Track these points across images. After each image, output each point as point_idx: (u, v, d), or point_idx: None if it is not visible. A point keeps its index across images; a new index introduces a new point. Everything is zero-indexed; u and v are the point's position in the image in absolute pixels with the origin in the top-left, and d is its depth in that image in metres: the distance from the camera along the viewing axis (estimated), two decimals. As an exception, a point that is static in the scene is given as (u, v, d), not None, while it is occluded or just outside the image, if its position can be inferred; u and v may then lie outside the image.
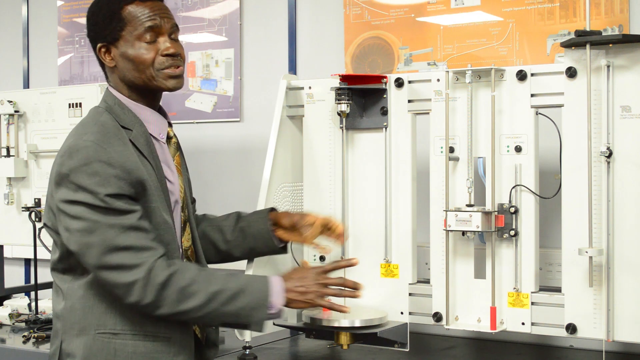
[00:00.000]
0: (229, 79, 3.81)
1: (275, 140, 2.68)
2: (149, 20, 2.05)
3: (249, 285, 2.02)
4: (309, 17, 3.62)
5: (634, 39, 2.21)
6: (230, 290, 1.98)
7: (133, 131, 2.05)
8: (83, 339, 2.00)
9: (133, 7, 2.06)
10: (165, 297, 1.93)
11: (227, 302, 1.97)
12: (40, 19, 4.44)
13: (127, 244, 1.92)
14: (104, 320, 1.99)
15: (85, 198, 1.92)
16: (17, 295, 3.91)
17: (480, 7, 3.20)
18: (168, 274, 1.93)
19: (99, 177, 1.92)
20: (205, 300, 1.96)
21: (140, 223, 1.95)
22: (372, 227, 2.61)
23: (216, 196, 3.69)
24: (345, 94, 2.56)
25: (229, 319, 2.02)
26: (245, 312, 1.99)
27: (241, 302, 1.98)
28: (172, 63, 2.08)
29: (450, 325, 2.45)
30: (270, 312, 2.01)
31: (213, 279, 1.99)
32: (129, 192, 1.95)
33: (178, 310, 1.95)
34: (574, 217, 2.29)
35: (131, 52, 2.05)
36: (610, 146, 2.24)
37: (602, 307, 2.26)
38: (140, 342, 2.00)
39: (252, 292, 2.00)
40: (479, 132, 2.43)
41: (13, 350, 3.11)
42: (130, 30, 2.05)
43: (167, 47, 2.06)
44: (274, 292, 2.02)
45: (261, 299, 2.00)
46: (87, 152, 1.94)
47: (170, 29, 2.09)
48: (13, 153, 3.57)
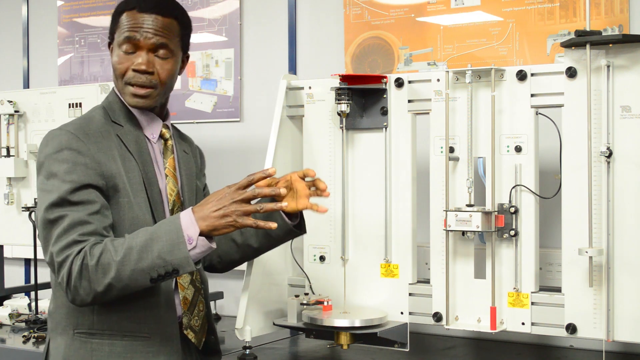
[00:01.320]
0: (229, 79, 3.81)
1: (275, 140, 2.68)
2: (129, 31, 2.06)
3: (156, 231, 1.88)
4: (309, 17, 3.63)
5: (634, 39, 2.21)
6: (138, 244, 1.86)
7: (124, 127, 2.07)
8: (64, 339, 2.02)
9: (128, 14, 2.08)
10: (83, 286, 1.87)
11: (139, 258, 1.85)
12: (40, 19, 4.44)
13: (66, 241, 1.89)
14: (82, 320, 2.00)
15: (53, 186, 1.93)
16: (17, 295, 3.91)
17: (480, 7, 3.20)
18: (80, 262, 1.87)
19: (68, 164, 1.94)
20: (118, 268, 1.85)
21: (88, 218, 1.91)
22: (372, 227, 2.60)
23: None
24: (345, 94, 2.56)
25: (153, 273, 1.86)
26: (163, 259, 1.85)
27: (153, 251, 1.85)
28: (137, 82, 2.06)
29: (450, 325, 2.45)
30: (192, 246, 1.85)
31: (120, 243, 1.88)
32: (96, 182, 1.96)
33: (102, 290, 1.87)
34: (574, 217, 2.29)
35: (113, 58, 2.11)
36: (610, 146, 2.24)
37: (602, 307, 2.26)
38: (117, 342, 2.00)
39: (160, 237, 1.86)
40: (479, 132, 2.43)
41: (13, 350, 3.11)
42: (117, 35, 2.09)
43: (138, 63, 2.04)
44: (185, 226, 1.86)
45: (173, 238, 1.85)
46: (60, 140, 1.97)
47: (152, 45, 2.05)
48: (13, 153, 3.57)
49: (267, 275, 2.65)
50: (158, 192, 2.09)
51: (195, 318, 2.14)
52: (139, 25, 2.06)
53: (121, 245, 1.87)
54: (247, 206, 1.88)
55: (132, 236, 1.90)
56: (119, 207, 2.00)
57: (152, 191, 2.06)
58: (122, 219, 2.00)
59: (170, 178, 2.15)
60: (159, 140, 2.16)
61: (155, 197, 2.07)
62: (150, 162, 2.09)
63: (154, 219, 2.05)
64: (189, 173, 2.24)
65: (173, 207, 2.13)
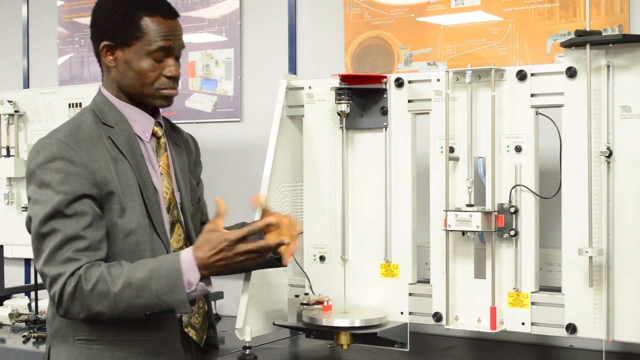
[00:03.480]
0: (229, 79, 3.81)
1: (275, 140, 2.68)
2: (164, 40, 2.05)
3: (156, 269, 1.88)
4: (309, 17, 3.62)
5: (634, 39, 2.21)
6: (137, 281, 1.86)
7: (115, 128, 2.06)
8: (65, 346, 2.02)
9: (152, 20, 2.04)
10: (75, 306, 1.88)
11: (137, 295, 1.86)
12: (40, 19, 4.44)
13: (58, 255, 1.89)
14: (81, 327, 1.99)
15: (44, 197, 1.92)
16: (17, 295, 3.91)
17: (480, 7, 3.20)
18: (74, 284, 1.88)
19: (61, 174, 1.93)
20: (115, 300, 1.87)
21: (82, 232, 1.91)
22: (372, 227, 2.60)
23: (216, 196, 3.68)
24: (345, 94, 2.56)
25: (150, 310, 1.88)
26: (160, 299, 1.86)
27: (151, 290, 1.85)
28: (171, 85, 2.09)
29: (450, 325, 2.45)
30: (191, 289, 1.87)
31: (117, 274, 1.88)
32: (90, 191, 1.94)
33: (94, 314, 1.89)
34: (574, 217, 2.29)
35: (137, 64, 2.05)
36: (610, 146, 2.24)
37: (602, 307, 2.26)
38: (118, 347, 1.99)
39: (160, 278, 1.86)
40: (479, 132, 2.43)
41: (13, 350, 3.11)
42: (143, 43, 2.04)
43: (171, 70, 2.07)
44: (185, 270, 1.87)
45: (173, 281, 1.86)
46: (52, 149, 1.95)
47: (179, 50, 2.10)
48: (13, 153, 3.57)
49: (267, 275, 2.65)
50: (153, 192, 2.07)
51: (196, 315, 2.13)
52: (171, 33, 2.06)
53: (119, 277, 1.87)
54: (252, 255, 1.91)
55: (131, 269, 1.89)
56: (111, 213, 1.99)
57: (147, 192, 2.05)
58: (114, 224, 1.99)
59: (165, 176, 2.14)
60: (152, 139, 2.15)
61: (150, 198, 2.06)
62: (143, 162, 2.07)
63: (151, 220, 2.04)
64: (182, 168, 2.23)
65: (169, 205, 2.13)
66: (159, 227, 2.06)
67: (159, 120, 2.17)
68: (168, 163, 2.17)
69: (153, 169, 2.12)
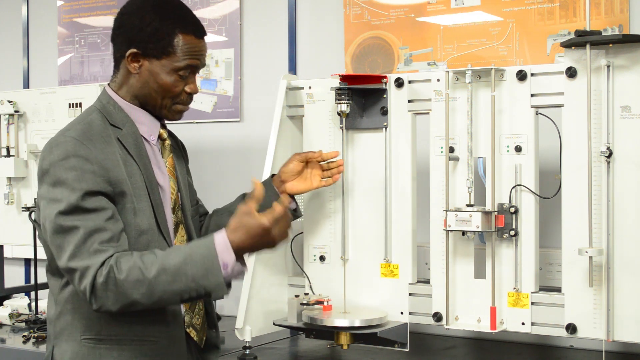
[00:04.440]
0: (229, 79, 3.82)
1: (275, 140, 2.68)
2: (194, 59, 2.08)
3: (191, 254, 1.87)
4: (309, 17, 3.63)
5: (634, 39, 2.21)
6: (172, 266, 1.85)
7: (123, 130, 2.06)
8: (70, 345, 2.01)
9: (186, 38, 2.07)
10: (109, 296, 1.87)
11: (173, 280, 1.85)
12: (40, 19, 4.44)
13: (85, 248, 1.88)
14: (90, 325, 1.99)
15: (60, 194, 1.92)
16: (17, 295, 3.91)
17: (480, 7, 3.20)
18: (106, 273, 1.86)
19: (76, 171, 1.92)
20: (150, 286, 1.85)
21: (104, 224, 1.91)
22: (372, 227, 2.61)
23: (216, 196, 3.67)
24: (345, 94, 2.56)
25: (185, 295, 1.87)
26: (197, 282, 1.85)
27: (187, 275, 1.85)
28: (188, 101, 2.14)
29: (450, 325, 2.45)
30: (227, 270, 1.86)
31: (151, 261, 1.87)
32: (104, 189, 1.94)
33: (129, 303, 1.87)
34: (574, 217, 2.29)
35: (162, 78, 2.07)
36: (610, 146, 2.24)
37: (602, 307, 2.26)
38: (126, 347, 1.99)
39: (195, 261, 1.86)
40: (479, 132, 2.43)
41: (13, 350, 3.11)
42: (173, 59, 2.06)
43: (192, 88, 2.11)
44: (220, 252, 1.86)
45: (208, 264, 1.85)
46: (66, 147, 1.95)
47: (201, 68, 2.14)
48: (13, 153, 3.57)
49: (267, 275, 2.65)
50: (159, 194, 2.08)
51: (197, 316, 2.14)
52: (200, 53, 2.10)
53: (152, 264, 1.87)
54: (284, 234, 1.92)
55: (165, 255, 1.89)
56: (125, 212, 1.99)
57: (154, 194, 2.06)
58: (128, 223, 1.99)
59: (171, 177, 2.15)
60: (158, 140, 2.16)
61: (157, 200, 2.06)
62: (149, 164, 2.08)
63: (157, 223, 2.05)
64: (181, 170, 2.25)
65: (174, 206, 2.13)
66: (164, 228, 2.07)
67: (164, 123, 2.19)
68: (173, 164, 2.18)
69: (160, 170, 2.12)
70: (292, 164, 2.46)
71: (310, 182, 2.47)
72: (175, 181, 2.16)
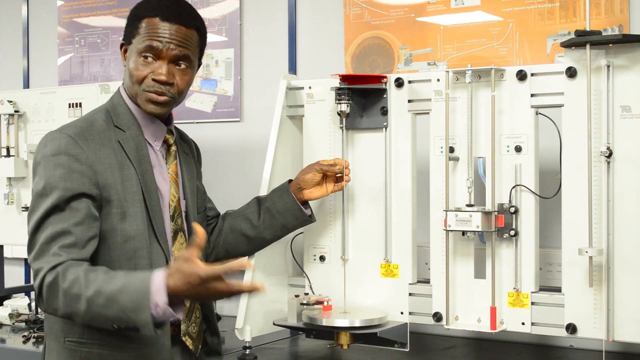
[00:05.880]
0: (229, 79, 3.81)
1: (275, 140, 2.68)
2: (153, 40, 2.02)
3: (126, 285, 1.81)
4: (309, 17, 3.63)
5: (634, 39, 2.21)
6: (107, 292, 1.81)
7: (126, 132, 2.05)
8: (56, 345, 2.02)
9: (150, 20, 2.04)
10: (53, 301, 1.86)
11: (105, 305, 1.81)
12: (40, 19, 4.44)
13: (46, 250, 1.88)
14: (73, 328, 1.99)
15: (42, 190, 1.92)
16: (17, 295, 3.91)
17: (480, 7, 3.20)
18: (52, 279, 1.85)
19: (63, 169, 1.92)
20: (86, 306, 1.82)
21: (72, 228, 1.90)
22: (372, 227, 2.60)
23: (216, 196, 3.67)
24: (345, 94, 2.56)
25: (116, 323, 1.82)
26: (127, 314, 1.79)
27: (119, 303, 1.80)
28: (156, 89, 2.04)
29: (450, 325, 2.45)
30: (157, 311, 1.78)
31: (93, 280, 1.83)
32: (90, 191, 1.94)
33: (70, 313, 1.86)
34: (574, 217, 2.29)
35: (130, 63, 2.06)
36: (610, 146, 2.24)
37: (602, 307, 2.26)
38: (106, 352, 1.98)
39: (130, 292, 1.80)
40: (479, 132, 2.43)
41: (13, 350, 3.11)
42: (137, 41, 2.04)
43: (158, 73, 2.03)
44: (154, 290, 1.78)
45: (140, 298, 1.78)
46: (60, 143, 1.95)
47: (175, 56, 2.04)
48: (13, 153, 3.57)
49: (267, 275, 2.65)
50: (157, 200, 2.06)
51: (193, 325, 2.13)
52: (162, 34, 2.03)
53: (93, 282, 1.82)
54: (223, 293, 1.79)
55: (107, 278, 1.84)
56: (110, 217, 1.98)
57: (150, 200, 2.04)
58: (114, 229, 1.98)
59: (172, 184, 2.13)
60: (163, 146, 2.14)
61: (154, 206, 2.04)
62: (150, 169, 2.06)
63: (153, 228, 2.04)
64: (190, 176, 2.23)
65: (174, 213, 2.12)
66: (160, 235, 2.05)
67: (171, 128, 2.17)
68: (177, 171, 2.16)
69: (161, 176, 2.11)
70: (311, 174, 2.46)
71: (325, 188, 2.49)
72: (177, 188, 2.14)
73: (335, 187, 2.51)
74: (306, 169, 2.49)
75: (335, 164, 2.48)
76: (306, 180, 2.45)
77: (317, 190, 2.47)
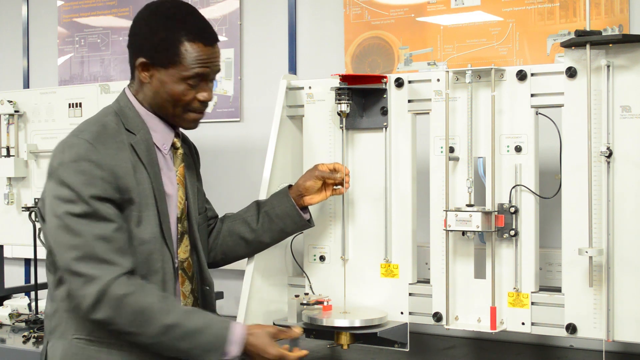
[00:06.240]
0: (229, 79, 3.81)
1: (275, 140, 2.68)
2: (201, 67, 2.04)
3: (208, 326, 1.98)
4: (309, 17, 3.63)
5: (634, 39, 2.21)
6: (187, 327, 1.95)
7: (137, 136, 2.05)
8: (62, 342, 2.02)
9: (193, 46, 2.03)
10: (118, 315, 1.91)
11: (181, 338, 1.95)
12: (40, 19, 4.44)
13: (93, 254, 1.89)
14: (82, 326, 1.99)
15: (67, 195, 1.91)
16: (17, 295, 3.91)
17: (480, 7, 3.20)
18: (125, 292, 1.90)
19: (85, 176, 1.92)
20: (159, 331, 1.93)
21: (113, 235, 1.93)
22: (372, 227, 2.60)
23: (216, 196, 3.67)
24: (345, 94, 2.56)
25: (180, 355, 1.99)
26: (198, 352, 1.96)
27: (196, 341, 1.96)
28: (201, 109, 2.11)
29: (450, 325, 2.45)
30: (224, 358, 1.98)
31: (172, 310, 1.95)
32: (113, 196, 1.94)
33: (130, 331, 1.93)
34: (574, 217, 2.29)
35: (170, 87, 2.05)
36: (610, 146, 2.24)
37: (602, 307, 2.26)
38: (115, 351, 1.99)
39: (209, 334, 1.97)
40: (479, 132, 2.43)
41: (13, 350, 3.11)
42: (180, 68, 2.03)
43: (204, 95, 2.08)
44: (232, 340, 1.99)
45: (217, 343, 1.97)
46: (79, 150, 1.94)
47: (214, 75, 2.10)
48: (13, 153, 3.57)
49: (267, 275, 2.65)
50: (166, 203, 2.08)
51: None
52: (210, 60, 2.06)
53: (173, 313, 1.95)
54: None
55: (186, 312, 1.99)
56: (129, 221, 1.99)
57: (161, 203, 2.05)
58: (131, 232, 2.00)
59: (180, 187, 2.14)
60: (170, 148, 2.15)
61: (163, 209, 2.06)
62: (159, 172, 2.07)
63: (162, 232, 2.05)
64: (192, 179, 2.25)
65: (181, 215, 2.13)
66: (168, 238, 2.07)
67: (178, 132, 2.18)
68: (184, 174, 2.17)
69: (169, 179, 2.11)
70: (311, 182, 2.44)
71: (324, 193, 2.48)
72: (184, 191, 2.15)
73: (334, 192, 2.50)
74: (306, 176, 2.47)
75: (335, 170, 2.47)
76: (307, 188, 2.44)
77: (317, 195, 2.47)
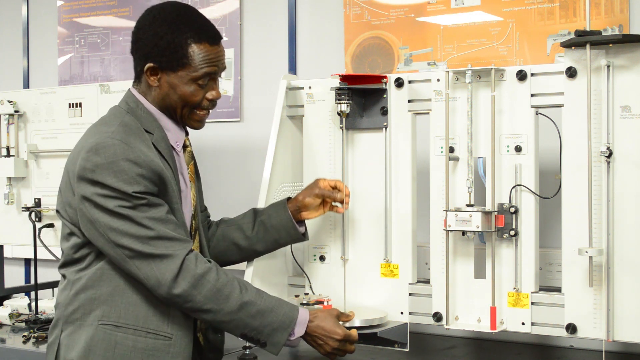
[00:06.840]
0: (229, 79, 3.81)
1: (275, 140, 2.68)
2: (209, 66, 2.09)
3: (278, 306, 2.08)
4: (309, 17, 3.63)
5: (634, 39, 2.21)
6: (260, 305, 2.04)
7: (154, 135, 2.07)
8: (85, 329, 2.02)
9: (199, 46, 2.07)
10: (197, 292, 1.97)
11: (254, 315, 2.03)
12: (40, 19, 4.44)
13: (159, 234, 1.95)
14: (109, 311, 2.01)
15: (112, 194, 1.94)
16: (17, 295, 3.91)
17: (480, 7, 3.20)
18: (207, 268, 1.99)
19: (126, 175, 1.94)
20: (237, 307, 2.01)
21: (168, 217, 1.99)
22: (372, 227, 2.60)
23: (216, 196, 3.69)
24: (345, 94, 2.56)
25: (250, 333, 2.06)
26: (268, 330, 2.05)
27: (268, 319, 2.04)
28: (209, 107, 2.15)
29: (450, 325, 2.45)
30: (291, 338, 2.08)
31: (248, 288, 2.05)
32: (153, 190, 1.99)
33: (207, 308, 1.99)
34: (574, 217, 2.29)
35: (181, 89, 2.08)
36: (610, 146, 2.24)
37: (602, 307, 2.26)
38: (141, 338, 2.02)
39: (280, 314, 2.07)
40: (479, 132, 2.43)
41: (13, 350, 3.11)
42: (190, 69, 2.07)
43: (213, 94, 2.13)
44: (299, 321, 2.09)
45: (286, 323, 2.07)
46: (115, 150, 1.96)
47: (221, 72, 2.15)
48: (13, 153, 3.57)
49: (267, 275, 2.65)
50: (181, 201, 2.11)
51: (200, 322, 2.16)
52: (216, 59, 2.11)
53: (249, 292, 2.05)
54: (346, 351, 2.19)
55: (258, 292, 2.09)
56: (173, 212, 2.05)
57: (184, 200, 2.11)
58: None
59: (193, 185, 2.18)
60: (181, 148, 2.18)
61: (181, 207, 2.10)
62: (177, 170, 2.12)
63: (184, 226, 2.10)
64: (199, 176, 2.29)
65: (194, 212, 2.17)
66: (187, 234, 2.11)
67: (187, 131, 2.21)
68: (194, 171, 2.21)
69: (183, 177, 2.14)
70: (311, 199, 2.42)
71: (322, 209, 2.47)
72: (195, 188, 2.19)
73: (332, 209, 2.48)
74: (307, 192, 2.45)
75: (337, 189, 2.45)
76: (306, 205, 2.42)
77: (315, 211, 2.45)
